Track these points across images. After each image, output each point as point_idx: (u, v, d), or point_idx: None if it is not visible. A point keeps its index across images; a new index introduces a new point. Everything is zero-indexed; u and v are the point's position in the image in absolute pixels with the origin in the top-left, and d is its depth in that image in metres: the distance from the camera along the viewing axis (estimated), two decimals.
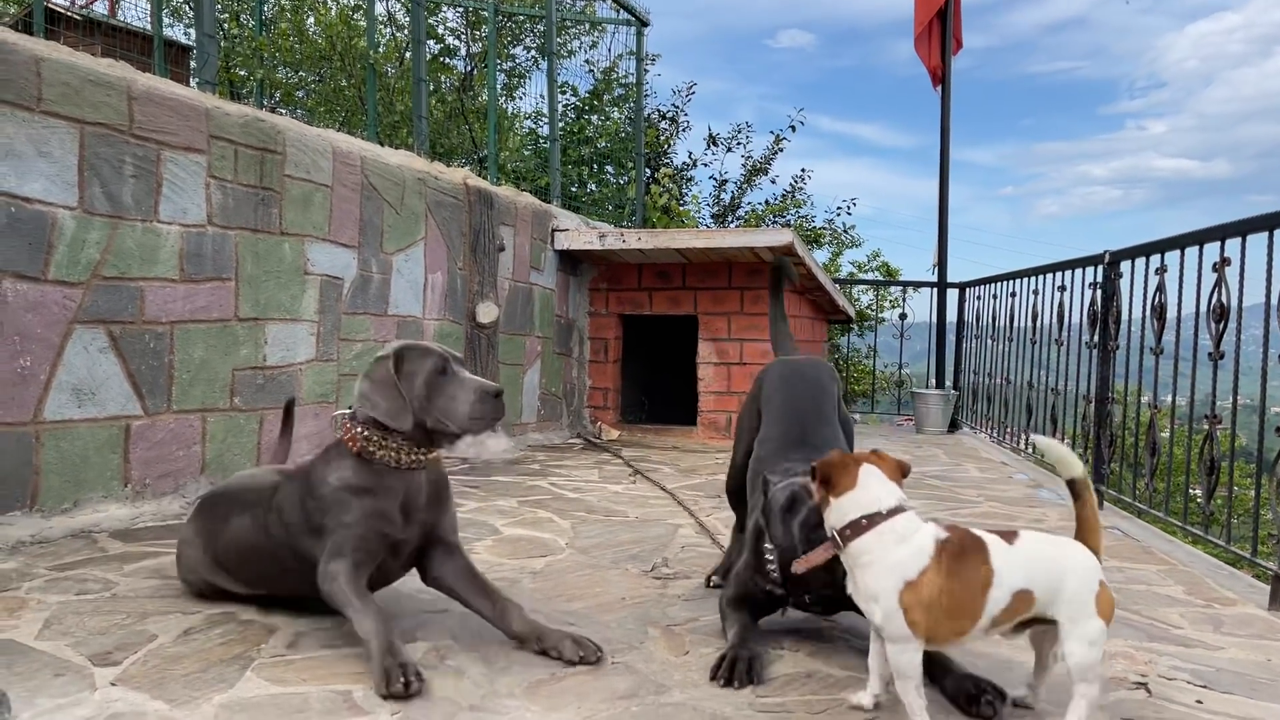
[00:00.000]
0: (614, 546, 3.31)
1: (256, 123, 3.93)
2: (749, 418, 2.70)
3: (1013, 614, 1.76)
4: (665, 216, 10.84)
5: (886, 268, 13.29)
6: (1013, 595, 1.74)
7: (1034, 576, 1.74)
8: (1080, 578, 1.75)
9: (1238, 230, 3.44)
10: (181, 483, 3.65)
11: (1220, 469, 3.55)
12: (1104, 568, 1.79)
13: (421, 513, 2.25)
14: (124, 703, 1.82)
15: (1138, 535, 3.86)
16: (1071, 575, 1.75)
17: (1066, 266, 5.50)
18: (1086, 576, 1.75)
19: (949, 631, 1.75)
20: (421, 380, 2.18)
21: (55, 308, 3.18)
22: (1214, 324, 3.54)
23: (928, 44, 8.72)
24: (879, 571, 1.76)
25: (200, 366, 3.71)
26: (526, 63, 11.63)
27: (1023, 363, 6.65)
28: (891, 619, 1.73)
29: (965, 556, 1.75)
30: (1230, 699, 2.03)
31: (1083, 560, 1.77)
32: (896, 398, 9.87)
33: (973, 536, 1.80)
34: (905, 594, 1.72)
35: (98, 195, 3.29)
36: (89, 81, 3.25)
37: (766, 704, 1.92)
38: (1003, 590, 1.73)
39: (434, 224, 5.16)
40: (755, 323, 6.45)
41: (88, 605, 2.40)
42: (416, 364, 2.20)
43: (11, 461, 3.06)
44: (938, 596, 1.71)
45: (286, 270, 4.11)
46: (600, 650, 2.14)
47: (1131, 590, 2.92)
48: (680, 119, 13.50)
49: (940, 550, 1.75)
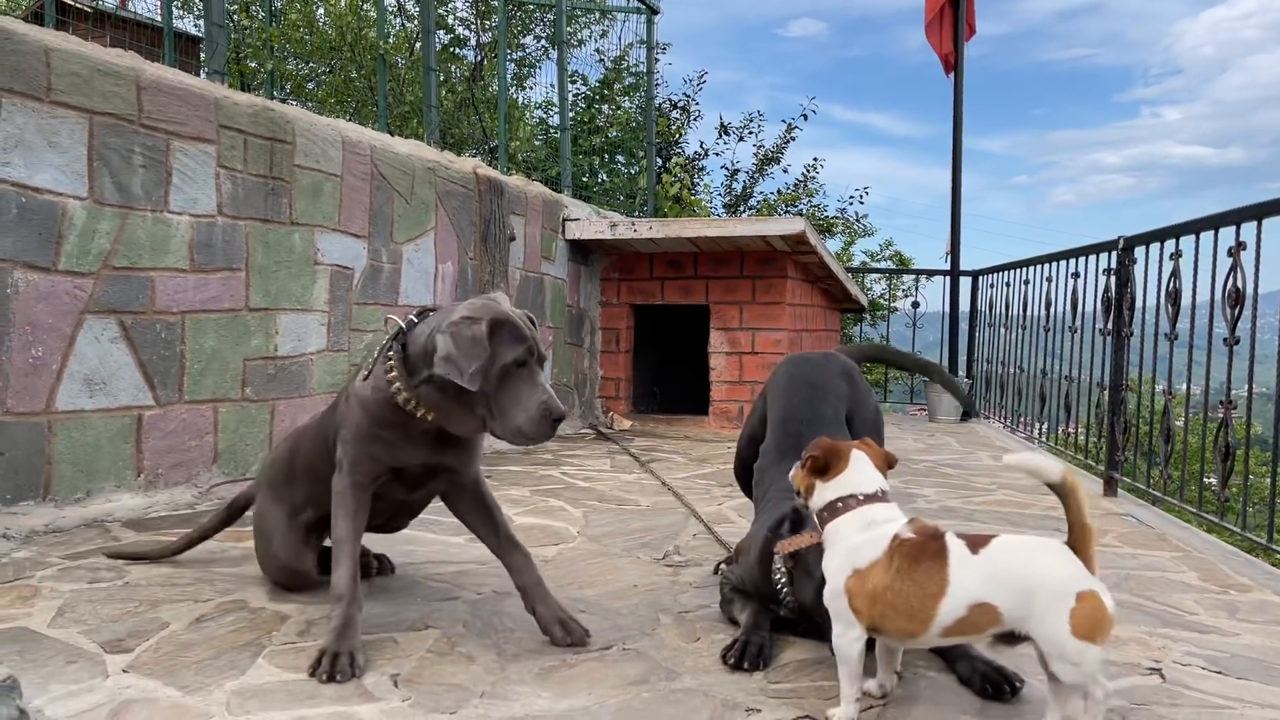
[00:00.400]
0: (625, 535, 3.30)
1: (266, 112, 3.93)
2: (755, 412, 2.76)
3: (975, 627, 1.65)
4: (677, 206, 10.81)
5: (899, 256, 13.25)
6: (969, 607, 1.63)
7: (995, 590, 1.62)
8: (1050, 593, 1.58)
9: (1253, 214, 3.41)
10: (194, 473, 3.66)
11: (1235, 456, 3.52)
12: (1118, 554, 1.77)
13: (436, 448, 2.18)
14: (136, 689, 1.83)
15: (1153, 523, 3.83)
16: (1041, 590, 1.58)
17: (1080, 253, 5.46)
18: (1057, 591, 1.57)
19: (896, 629, 1.71)
20: (501, 365, 1.99)
21: (66, 298, 3.18)
22: (1229, 309, 3.51)
23: (939, 31, 8.66)
24: (836, 552, 1.78)
25: (211, 356, 3.71)
26: (537, 52, 11.61)
27: (1036, 351, 6.61)
28: (835, 600, 1.75)
29: (920, 560, 1.68)
30: (1245, 685, 2.02)
31: (1055, 573, 1.60)
32: (909, 386, 9.84)
33: (937, 540, 1.70)
34: (851, 580, 1.73)
35: (107, 185, 3.30)
36: (98, 71, 3.25)
37: (778, 689, 1.92)
38: (955, 601, 1.64)
39: (444, 214, 5.16)
40: (767, 312, 6.42)
41: (100, 593, 2.41)
42: (507, 345, 1.99)
43: (24, 451, 3.07)
44: (882, 592, 1.69)
45: (297, 260, 4.11)
46: (588, 636, 2.17)
47: (1146, 577, 2.90)
48: (691, 108, 13.46)
49: (896, 547, 1.72)
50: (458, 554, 2.96)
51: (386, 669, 1.97)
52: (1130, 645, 2.25)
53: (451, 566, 2.81)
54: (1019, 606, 1.60)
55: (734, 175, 13.50)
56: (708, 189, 13.24)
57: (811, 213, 13.11)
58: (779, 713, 1.80)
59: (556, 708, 1.80)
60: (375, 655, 2.03)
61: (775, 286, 6.41)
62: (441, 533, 3.23)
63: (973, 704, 1.86)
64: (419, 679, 1.92)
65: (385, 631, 2.20)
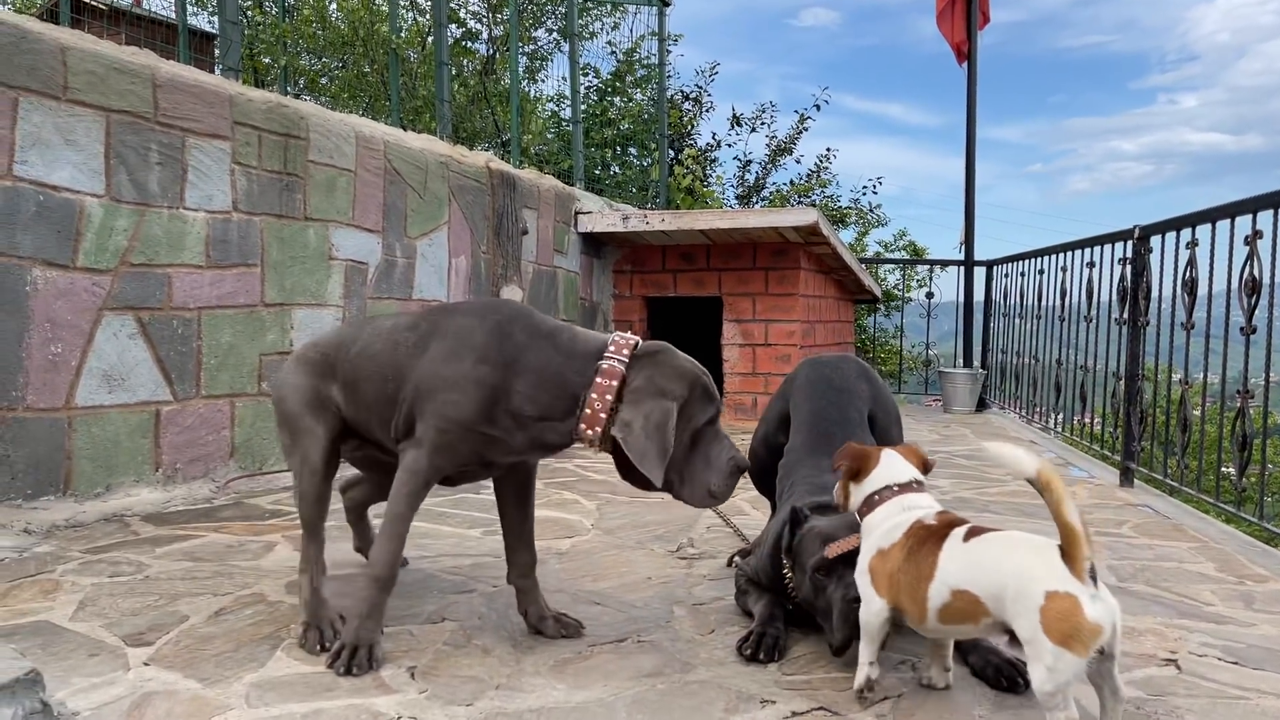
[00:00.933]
0: (639, 527, 3.31)
1: (280, 109, 3.95)
2: (773, 412, 2.77)
3: (961, 615, 1.66)
4: (689, 198, 10.79)
5: (913, 247, 13.19)
6: (952, 593, 1.66)
7: (976, 578, 1.63)
8: (1018, 586, 1.55)
9: (1270, 203, 3.38)
10: (211, 467, 3.69)
11: (1253, 445, 3.50)
12: (1133, 545, 1.76)
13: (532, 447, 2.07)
14: (157, 682, 1.85)
15: (1169, 513, 3.82)
16: (1011, 585, 1.56)
17: (1095, 242, 5.43)
18: (1025, 586, 1.54)
19: (905, 610, 1.77)
20: (692, 431, 1.92)
21: (85, 295, 3.21)
22: (1245, 298, 3.49)
23: (950, 20, 8.61)
24: (871, 538, 1.86)
25: (228, 352, 3.74)
26: (548, 45, 11.59)
27: (1051, 341, 6.58)
28: (861, 576, 1.85)
29: (924, 544, 1.74)
30: (1262, 675, 2.01)
31: (1025, 570, 1.55)
32: (924, 378, 9.81)
33: (944, 527, 1.75)
34: (875, 559, 1.82)
35: (124, 183, 3.32)
36: (114, 69, 3.27)
37: (792, 681, 1.92)
38: (941, 586, 1.68)
39: (457, 208, 5.17)
40: (780, 303, 6.42)
41: (121, 587, 2.44)
42: (699, 407, 1.93)
43: (45, 447, 3.11)
44: (895, 573, 1.77)
45: (311, 256, 4.13)
46: (582, 628, 2.17)
47: (1162, 568, 2.89)
48: (703, 99, 13.42)
49: (912, 531, 1.79)
50: (473, 547, 2.97)
51: (403, 661, 1.98)
52: (1146, 636, 2.24)
53: (467, 559, 2.83)
54: (996, 599, 1.60)
55: (746, 166, 13.46)
56: (720, 180, 13.20)
57: (824, 203, 13.06)
58: (793, 704, 1.81)
59: (572, 700, 1.82)
60: (392, 648, 2.05)
61: (788, 278, 6.41)
62: (457, 525, 3.25)
63: (987, 696, 1.87)
64: (435, 671, 1.94)
65: (402, 624, 2.22)
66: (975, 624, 1.68)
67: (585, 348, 1.98)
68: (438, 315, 2.08)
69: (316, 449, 2.16)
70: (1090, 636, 1.48)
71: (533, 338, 1.98)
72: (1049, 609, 1.49)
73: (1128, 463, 4.56)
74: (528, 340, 1.98)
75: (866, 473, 1.94)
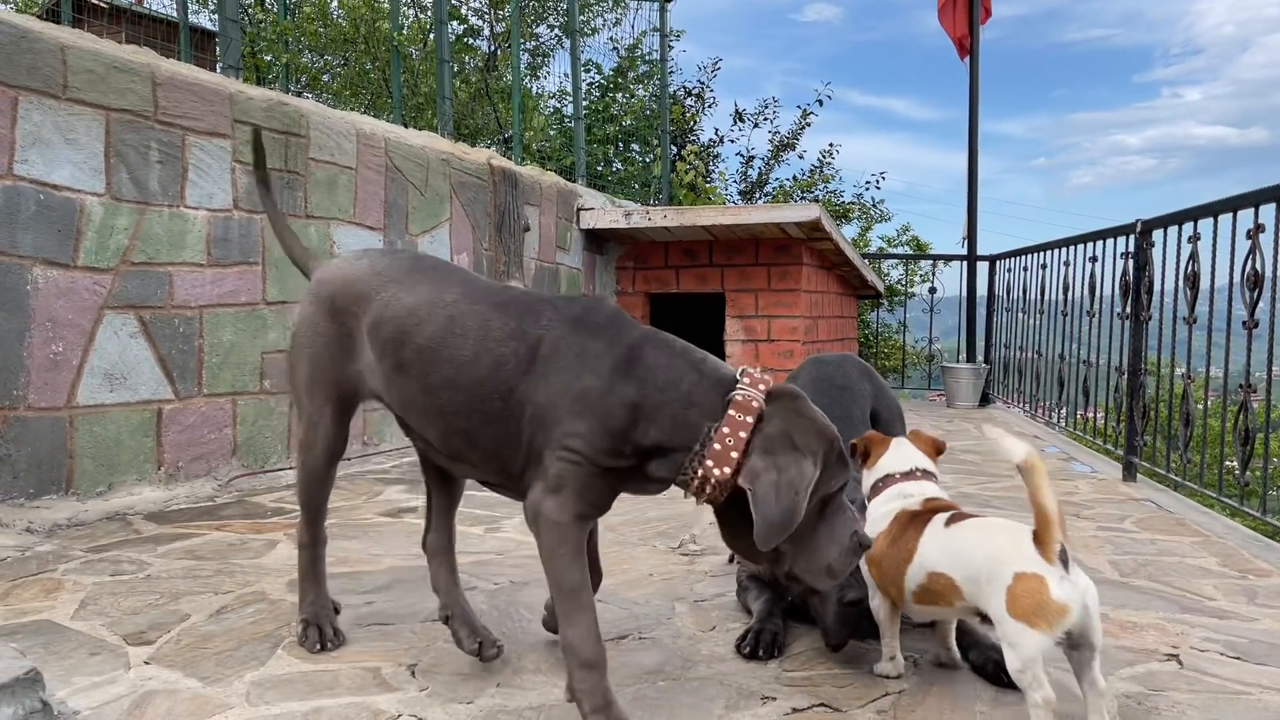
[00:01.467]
0: (641, 524, 3.31)
1: (280, 106, 3.95)
2: None
3: (937, 597, 1.72)
4: (691, 194, 10.79)
5: (916, 242, 13.18)
6: (928, 575, 1.72)
7: (949, 561, 1.70)
8: (989, 570, 1.59)
9: (1272, 196, 3.37)
10: (214, 465, 3.69)
11: (1255, 439, 3.50)
12: (1136, 539, 1.76)
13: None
14: (158, 680, 1.85)
15: (1172, 508, 3.81)
16: (984, 567, 1.60)
17: (1098, 237, 5.42)
18: (994, 569, 1.58)
19: (889, 594, 1.84)
20: (821, 498, 1.62)
21: (86, 294, 3.21)
22: (1248, 292, 3.48)
23: (952, 15, 8.59)
24: (870, 519, 1.93)
25: (230, 350, 3.74)
26: (550, 42, 11.58)
27: (1054, 335, 6.57)
28: (864, 565, 1.91)
29: (908, 528, 1.80)
30: (1263, 670, 2.01)
31: (997, 551, 1.59)
32: (927, 373, 9.80)
33: (929, 513, 1.81)
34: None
35: (124, 181, 3.32)
36: (114, 68, 3.27)
37: (793, 678, 1.92)
38: (918, 568, 1.75)
39: (459, 205, 5.17)
40: (783, 299, 6.41)
41: (122, 586, 2.44)
42: (833, 474, 1.62)
43: (47, 446, 3.11)
44: (879, 557, 1.84)
45: (313, 253, 4.13)
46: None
47: (1164, 562, 2.89)
48: (706, 95, 13.41)
49: (899, 517, 1.85)
50: (475, 545, 2.97)
51: (404, 659, 1.99)
52: (1148, 631, 2.24)
53: (469, 557, 2.82)
54: (970, 581, 1.65)
55: (749, 162, 13.44)
56: (723, 176, 13.19)
57: (827, 199, 13.05)
58: (794, 700, 1.81)
59: None
60: (393, 645, 2.05)
61: (791, 273, 6.40)
62: (459, 523, 3.24)
63: (987, 691, 1.86)
64: (436, 669, 1.94)
65: (403, 622, 2.22)
66: (950, 607, 1.73)
67: (716, 372, 1.67)
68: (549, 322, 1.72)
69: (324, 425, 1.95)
70: (1056, 615, 1.51)
71: (659, 350, 1.68)
72: (1015, 588, 1.54)
73: (1130, 457, 4.55)
74: (658, 355, 1.67)
75: (876, 459, 2.02)
